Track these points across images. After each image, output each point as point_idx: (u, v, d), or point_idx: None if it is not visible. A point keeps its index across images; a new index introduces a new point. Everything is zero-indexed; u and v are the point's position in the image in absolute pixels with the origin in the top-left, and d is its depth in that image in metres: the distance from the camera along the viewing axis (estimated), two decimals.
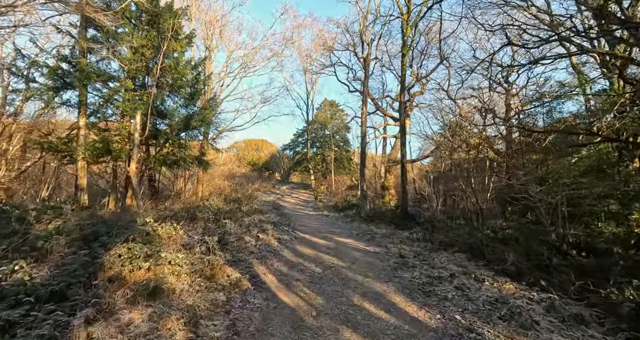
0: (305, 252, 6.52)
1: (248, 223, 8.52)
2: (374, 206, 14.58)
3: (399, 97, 11.29)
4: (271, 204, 19.05)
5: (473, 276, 5.02)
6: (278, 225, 9.40)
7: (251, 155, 33.09)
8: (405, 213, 11.03)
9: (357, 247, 7.46)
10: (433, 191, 15.56)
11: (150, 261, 3.68)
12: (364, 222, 12.40)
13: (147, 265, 3.57)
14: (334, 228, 11.03)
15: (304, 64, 20.04)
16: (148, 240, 4.25)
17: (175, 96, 10.52)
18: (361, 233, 9.73)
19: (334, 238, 8.64)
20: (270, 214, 13.88)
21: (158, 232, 4.90)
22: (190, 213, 7.24)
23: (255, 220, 9.58)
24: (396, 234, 9.16)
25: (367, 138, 14.42)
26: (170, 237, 5.04)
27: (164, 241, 4.93)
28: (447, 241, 7.64)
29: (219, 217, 7.58)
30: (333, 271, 5.42)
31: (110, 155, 9.15)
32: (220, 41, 17.88)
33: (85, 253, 3.50)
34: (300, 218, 14.18)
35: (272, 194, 25.16)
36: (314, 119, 27.73)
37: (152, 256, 3.83)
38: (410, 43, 10.99)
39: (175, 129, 10.47)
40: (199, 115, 10.99)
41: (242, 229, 7.15)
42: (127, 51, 8.99)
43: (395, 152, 17.10)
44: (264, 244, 6.38)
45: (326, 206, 19.30)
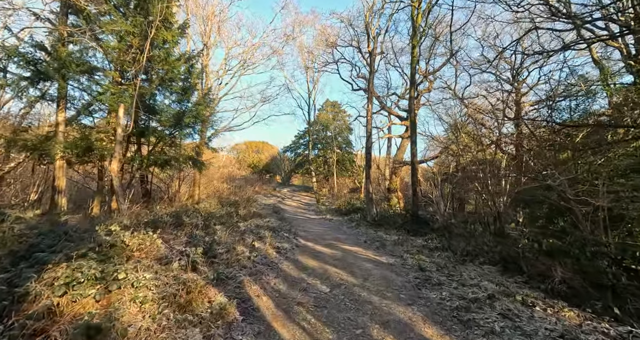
0: (308, 264, 5.50)
1: (244, 229, 7.51)
2: (380, 210, 13.55)
3: (409, 91, 10.34)
4: (271, 207, 18.05)
5: (519, 298, 3.99)
6: (277, 231, 8.38)
7: (252, 157, 32.13)
8: (417, 217, 10.01)
9: (367, 257, 6.43)
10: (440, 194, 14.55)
11: (99, 287, 2.68)
12: (371, 227, 11.38)
13: (94, 292, 2.58)
14: (338, 234, 10.01)
15: (305, 62, 19.24)
16: (107, 255, 3.26)
17: (166, 90, 9.59)
18: (369, 240, 8.70)
19: (339, 246, 7.62)
20: (270, 218, 12.87)
21: (127, 243, 3.90)
22: (177, 218, 6.24)
23: (252, 225, 8.58)
24: (409, 241, 8.13)
25: (372, 138, 13.44)
26: (142, 249, 4.04)
27: (135, 254, 3.93)
28: (470, 250, 6.61)
29: (210, 223, 6.57)
30: (343, 290, 4.40)
31: (93, 153, 8.18)
32: (218, 37, 17.02)
33: (4, 278, 2.50)
34: (302, 222, 13.15)
35: (272, 196, 24.17)
36: (316, 119, 26.79)
37: (106, 278, 2.84)
38: (421, 33, 10.07)
39: (165, 125, 9.51)
40: (192, 111, 10.03)
41: (235, 237, 6.14)
42: (113, 40, 8.07)
43: (401, 152, 16.11)
44: (259, 255, 5.36)
45: (329, 210, 18.27)
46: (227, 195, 18.31)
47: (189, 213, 7.04)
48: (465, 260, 6.00)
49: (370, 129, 12.91)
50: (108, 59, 7.93)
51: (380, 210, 13.53)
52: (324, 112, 27.67)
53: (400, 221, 10.69)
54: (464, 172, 13.40)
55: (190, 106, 10.33)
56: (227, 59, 17.28)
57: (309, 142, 21.73)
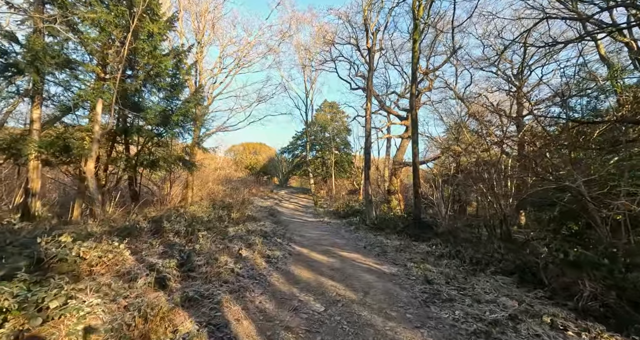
0: (301, 277, 4.86)
1: (233, 235, 6.87)
2: (380, 212, 12.92)
3: (410, 88, 9.76)
4: (267, 209, 17.41)
5: (547, 320, 3.37)
6: (270, 236, 7.73)
7: (249, 158, 31.48)
8: (419, 221, 9.39)
9: (367, 266, 5.80)
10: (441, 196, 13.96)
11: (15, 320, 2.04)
12: (370, 230, 10.75)
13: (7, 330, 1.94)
14: (336, 238, 9.38)
15: (302, 60, 18.66)
16: (47, 274, 2.63)
17: (152, 87, 8.96)
18: (369, 245, 8.07)
19: (337, 253, 6.98)
20: (265, 222, 12.23)
21: (84, 256, 3.26)
22: (157, 224, 5.59)
23: (243, 230, 7.94)
24: (412, 247, 7.50)
25: (371, 138, 12.84)
26: (103, 263, 3.40)
27: (95, 270, 3.30)
28: (480, 258, 5.99)
29: (194, 229, 5.92)
30: (340, 309, 3.76)
31: (71, 153, 7.54)
32: (213, 35, 16.44)
33: None
34: (298, 226, 12.51)
35: (269, 199, 23.52)
36: (314, 120, 26.18)
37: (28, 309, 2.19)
38: (423, 27, 9.50)
39: (152, 124, 8.88)
40: (180, 109, 9.41)
41: (220, 245, 5.49)
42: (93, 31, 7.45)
43: (401, 153, 15.52)
44: (246, 267, 4.71)
45: (327, 212, 17.63)
46: (222, 197, 17.67)
47: (172, 218, 6.39)
48: (476, 270, 5.37)
49: (369, 129, 12.31)
50: (87, 51, 7.31)
51: (380, 212, 12.91)
52: (322, 112, 27.08)
53: (401, 225, 10.07)
54: (468, 173, 12.82)
55: (180, 104, 9.71)
56: (222, 57, 16.68)
57: (307, 143, 21.12)
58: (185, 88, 10.33)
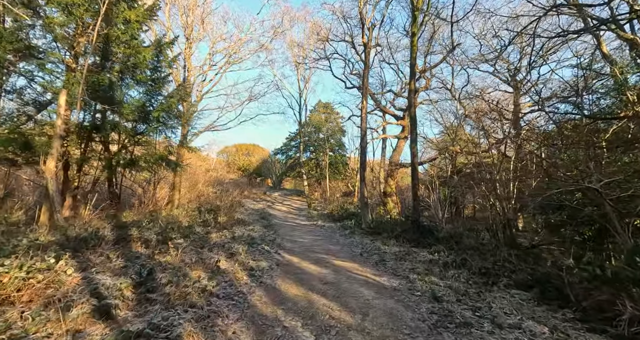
0: (289, 294, 4.12)
1: (214, 242, 6.09)
2: (376, 215, 12.24)
3: (409, 83, 9.12)
4: (259, 212, 16.62)
5: None
6: (257, 243, 6.96)
7: (242, 160, 30.60)
8: (418, 225, 8.72)
9: (365, 279, 5.08)
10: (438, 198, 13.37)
11: None
12: (366, 235, 10.04)
13: None
14: (330, 244, 8.64)
15: (296, 58, 17.95)
16: None
17: (130, 79, 8.16)
18: (366, 252, 7.36)
19: (331, 261, 6.24)
20: (255, 226, 11.45)
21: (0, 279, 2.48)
22: (123, 231, 4.79)
23: (227, 236, 7.16)
24: (412, 255, 6.80)
25: (367, 137, 12.18)
26: (30, 286, 2.62)
27: (17, 297, 2.51)
28: (489, 268, 5.32)
29: (168, 236, 5.13)
30: (334, 338, 3.03)
31: (34, 152, 6.69)
32: (202, 31, 15.66)
33: None
34: (290, 230, 11.76)
35: (262, 201, 22.71)
36: (308, 121, 25.48)
37: None
38: (422, 19, 8.90)
39: (129, 119, 8.06)
40: (162, 104, 8.63)
41: (196, 256, 4.72)
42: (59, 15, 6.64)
43: (397, 154, 14.89)
44: (223, 283, 3.95)
45: (321, 215, 16.89)
46: (212, 199, 16.83)
47: (144, 223, 5.59)
48: (487, 283, 4.69)
49: (365, 128, 11.64)
50: (53, 37, 6.49)
51: (376, 215, 12.22)
52: (316, 113, 26.39)
53: (399, 229, 9.37)
54: (468, 174, 12.24)
55: (161, 99, 8.92)
56: (212, 54, 15.91)
57: (300, 144, 20.40)
58: (169, 82, 9.54)
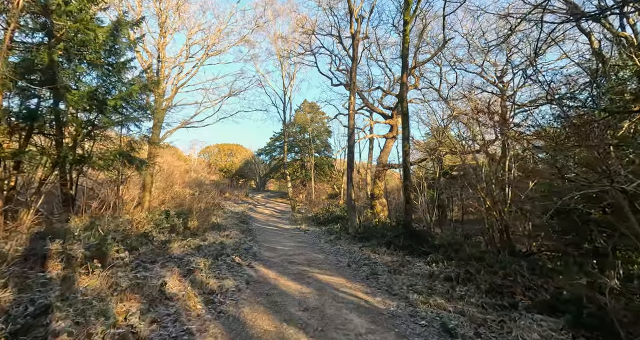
0: (256, 329, 3.04)
1: (171, 255, 4.91)
2: (364, 219, 11.31)
3: (401, 77, 8.26)
4: (239, 216, 15.37)
5: None
6: (227, 254, 5.80)
7: (223, 160, 29.07)
8: (411, 230, 7.82)
9: (355, 300, 4.06)
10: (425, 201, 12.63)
11: None
12: (354, 241, 9.06)
13: None
14: (314, 252, 7.60)
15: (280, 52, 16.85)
16: None
17: (79, 61, 6.86)
18: (354, 262, 6.36)
19: (314, 276, 5.20)
20: (232, 231, 10.27)
21: None
22: (38, 244, 3.57)
23: (192, 246, 5.98)
24: (408, 266, 5.86)
25: (354, 136, 11.27)
26: None
27: None
28: (500, 284, 4.44)
29: (103, 249, 3.93)
30: None
31: None
32: (179, 20, 14.35)
33: None
34: (271, 236, 10.64)
35: (243, 203, 21.41)
36: (293, 121, 24.39)
37: None
38: (415, 7, 8.08)
39: (78, 107, 6.75)
40: (121, 92, 7.37)
41: (138, 275, 3.56)
42: None
43: (386, 154, 14.07)
44: (165, 317, 2.83)
45: (305, 218, 15.82)
46: (188, 202, 15.44)
47: (77, 232, 4.35)
48: (505, 306, 3.78)
49: (352, 125, 10.72)
50: None
51: (364, 219, 11.29)
52: (301, 112, 25.36)
53: (390, 234, 8.45)
54: (460, 176, 11.53)
55: (120, 85, 7.65)
56: (189, 45, 14.60)
57: (285, 144, 19.30)
58: (131, 69, 8.25)
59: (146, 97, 9.74)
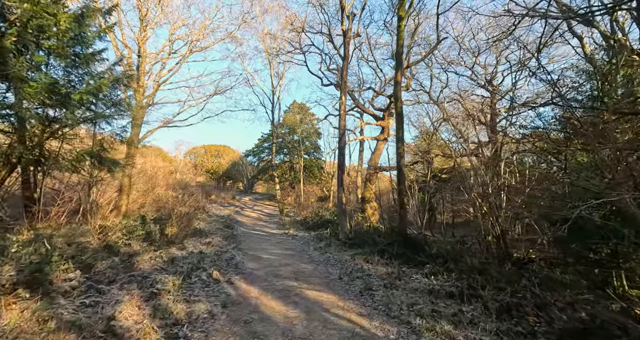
0: None
1: (136, 272, 4.19)
2: (355, 224, 10.76)
3: (395, 75, 7.78)
4: (224, 220, 14.58)
5: None
6: (203, 268, 5.11)
7: (210, 162, 28.05)
8: (405, 237, 7.31)
9: (349, 327, 3.46)
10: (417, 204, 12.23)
11: None
12: (345, 248, 8.49)
13: None
14: (302, 262, 6.97)
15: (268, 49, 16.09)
16: None
17: (39, 50, 6.04)
18: (346, 274, 5.77)
19: (302, 293, 4.57)
20: (214, 237, 9.54)
21: None
22: None
23: (164, 258, 5.26)
24: (405, 279, 5.31)
25: (345, 137, 10.73)
26: None
27: None
28: (509, 303, 3.94)
29: (46, 268, 3.19)
30: None
31: None
32: (161, 15, 13.50)
33: None
34: (257, 242, 9.95)
35: (230, 206, 20.56)
36: (282, 122, 23.69)
37: None
38: (410, 3, 7.62)
39: (36, 101, 5.94)
40: (89, 85, 6.58)
41: (86, 302, 2.85)
42: None
43: (377, 156, 13.61)
44: None
45: (294, 222, 15.16)
46: (171, 205, 14.51)
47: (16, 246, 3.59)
48: (523, 335, 3.26)
49: (343, 126, 10.18)
50: None
51: (355, 224, 10.74)
52: (290, 113, 24.69)
53: (384, 241, 7.91)
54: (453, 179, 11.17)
55: (88, 78, 6.85)
56: (172, 41, 13.76)
57: (273, 145, 18.59)
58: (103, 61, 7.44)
59: (123, 93, 8.94)
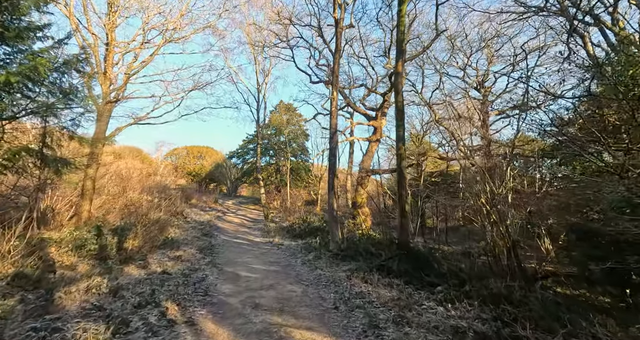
0: None
1: (36, 325, 2.88)
2: (347, 232, 9.63)
3: (396, 65, 6.76)
4: (203, 226, 13.12)
5: None
6: (156, 303, 3.81)
7: (192, 163, 26.28)
8: (407, 250, 6.22)
9: None
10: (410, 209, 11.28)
11: None
12: (337, 260, 7.34)
13: None
14: (289, 281, 5.74)
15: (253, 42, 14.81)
16: None
17: None
18: (343, 302, 4.60)
19: (288, 337, 3.39)
20: (188, 249, 8.20)
21: None
22: None
23: (103, 289, 3.93)
24: (415, 309, 4.21)
25: (337, 136, 9.63)
26: None
27: None
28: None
29: None
30: None
31: None
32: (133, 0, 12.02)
33: None
34: (238, 253, 8.65)
35: (211, 210, 19.00)
36: (268, 122, 22.37)
37: None
38: None
39: None
40: (22, 66, 5.18)
41: None
42: None
43: (369, 158, 12.58)
44: None
45: (279, 229, 13.86)
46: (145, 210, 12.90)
47: None
48: None
49: (335, 124, 9.08)
50: None
51: (347, 232, 9.61)
52: (277, 114, 23.42)
53: (381, 253, 6.82)
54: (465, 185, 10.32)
55: (21, 58, 5.43)
56: (146, 30, 12.29)
57: (258, 146, 17.27)
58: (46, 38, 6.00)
59: (85, 82, 7.52)
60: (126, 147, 29.52)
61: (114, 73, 11.25)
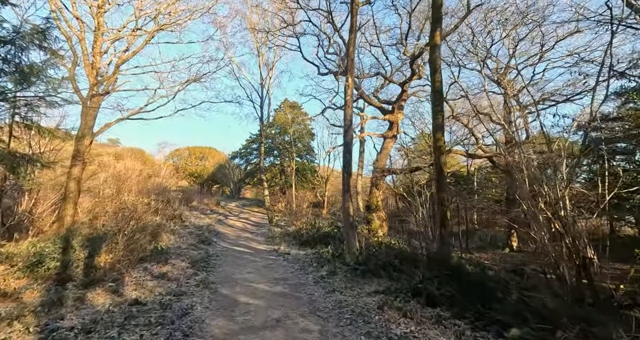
0: None
1: None
2: (365, 241, 8.14)
3: (432, 37, 5.31)
4: (202, 232, 11.68)
5: None
6: None
7: (194, 164, 24.98)
8: (450, 268, 4.76)
9: None
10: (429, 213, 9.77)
11: None
12: (357, 277, 5.88)
13: None
14: (300, 311, 4.28)
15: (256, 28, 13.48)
16: None
17: None
18: None
19: None
20: (179, 262, 6.78)
21: None
22: None
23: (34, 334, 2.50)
24: None
25: (352, 130, 8.21)
26: None
27: None
28: None
29: None
30: None
31: None
32: None
33: None
34: (237, 267, 7.22)
35: (213, 214, 17.62)
36: (272, 121, 21.02)
37: None
38: None
39: None
40: None
41: None
42: None
43: (384, 157, 11.12)
44: None
45: (285, 234, 12.42)
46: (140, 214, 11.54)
47: None
48: None
49: (350, 116, 7.67)
50: None
51: (365, 241, 8.12)
52: (281, 112, 22.06)
53: (420, 274, 5.32)
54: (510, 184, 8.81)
55: None
56: (137, 16, 10.99)
57: (262, 145, 15.91)
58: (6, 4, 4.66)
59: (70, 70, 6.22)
60: (129, 148, 28.25)
61: (102, 62, 9.97)
